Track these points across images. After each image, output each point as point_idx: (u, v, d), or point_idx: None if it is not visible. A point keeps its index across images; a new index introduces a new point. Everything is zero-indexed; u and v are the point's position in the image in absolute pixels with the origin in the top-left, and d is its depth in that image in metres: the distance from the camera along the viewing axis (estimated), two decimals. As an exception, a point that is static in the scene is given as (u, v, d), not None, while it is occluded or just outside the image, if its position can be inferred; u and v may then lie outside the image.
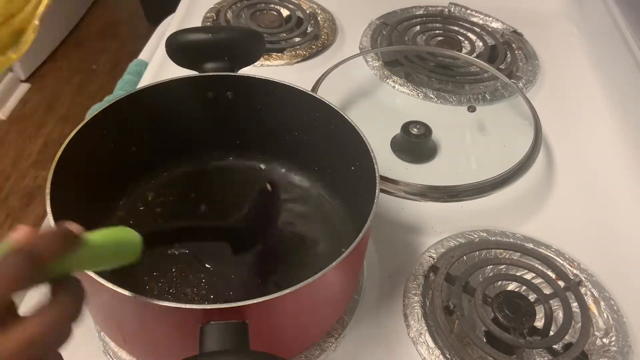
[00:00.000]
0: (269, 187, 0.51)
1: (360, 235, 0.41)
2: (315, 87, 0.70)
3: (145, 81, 0.78)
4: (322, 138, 0.55)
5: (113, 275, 0.36)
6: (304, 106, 0.54)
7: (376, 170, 0.46)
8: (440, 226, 0.61)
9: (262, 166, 0.62)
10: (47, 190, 0.42)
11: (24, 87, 1.94)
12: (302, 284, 0.37)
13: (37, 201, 1.62)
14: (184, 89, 0.54)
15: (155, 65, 0.80)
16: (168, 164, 0.60)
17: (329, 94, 0.65)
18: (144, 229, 0.42)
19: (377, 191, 0.45)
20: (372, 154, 0.48)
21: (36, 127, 1.83)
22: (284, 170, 0.61)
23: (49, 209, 0.41)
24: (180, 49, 0.56)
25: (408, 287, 0.55)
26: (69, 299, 0.29)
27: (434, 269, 0.56)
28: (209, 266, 0.52)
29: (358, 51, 0.86)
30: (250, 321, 0.36)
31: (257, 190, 0.52)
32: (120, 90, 0.78)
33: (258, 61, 0.62)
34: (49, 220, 0.41)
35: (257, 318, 0.37)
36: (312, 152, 0.58)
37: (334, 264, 0.39)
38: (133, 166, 0.56)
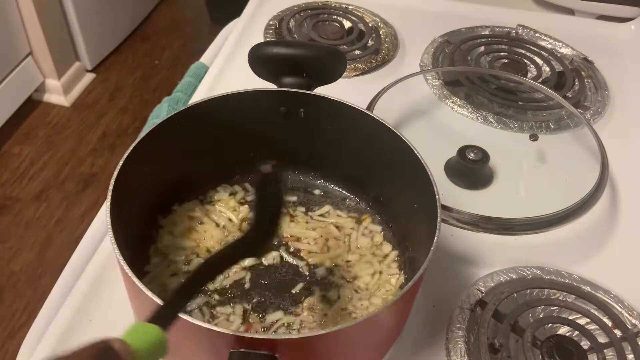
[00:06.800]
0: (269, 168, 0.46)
1: (412, 282, 0.39)
2: (372, 103, 0.69)
3: (204, 86, 0.79)
4: (387, 167, 0.54)
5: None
6: (378, 136, 0.52)
7: (438, 214, 0.44)
8: (491, 258, 0.59)
9: (317, 191, 0.60)
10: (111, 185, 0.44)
11: (89, 77, 2.02)
12: (338, 327, 0.36)
13: (91, 188, 1.69)
14: (262, 100, 0.54)
15: (216, 70, 0.81)
16: (229, 174, 0.60)
17: (386, 111, 0.64)
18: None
19: (436, 237, 0.42)
20: (437, 198, 0.45)
21: (97, 117, 1.90)
22: (338, 192, 0.60)
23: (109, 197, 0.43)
24: (262, 60, 0.56)
25: (453, 319, 0.53)
26: None
27: (481, 303, 0.54)
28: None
29: (418, 69, 0.84)
30: (280, 355, 0.36)
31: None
32: (180, 92, 0.79)
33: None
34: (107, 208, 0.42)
35: (287, 353, 0.37)
36: (373, 178, 0.57)
37: (376, 311, 0.38)
38: (200, 172, 0.57)
